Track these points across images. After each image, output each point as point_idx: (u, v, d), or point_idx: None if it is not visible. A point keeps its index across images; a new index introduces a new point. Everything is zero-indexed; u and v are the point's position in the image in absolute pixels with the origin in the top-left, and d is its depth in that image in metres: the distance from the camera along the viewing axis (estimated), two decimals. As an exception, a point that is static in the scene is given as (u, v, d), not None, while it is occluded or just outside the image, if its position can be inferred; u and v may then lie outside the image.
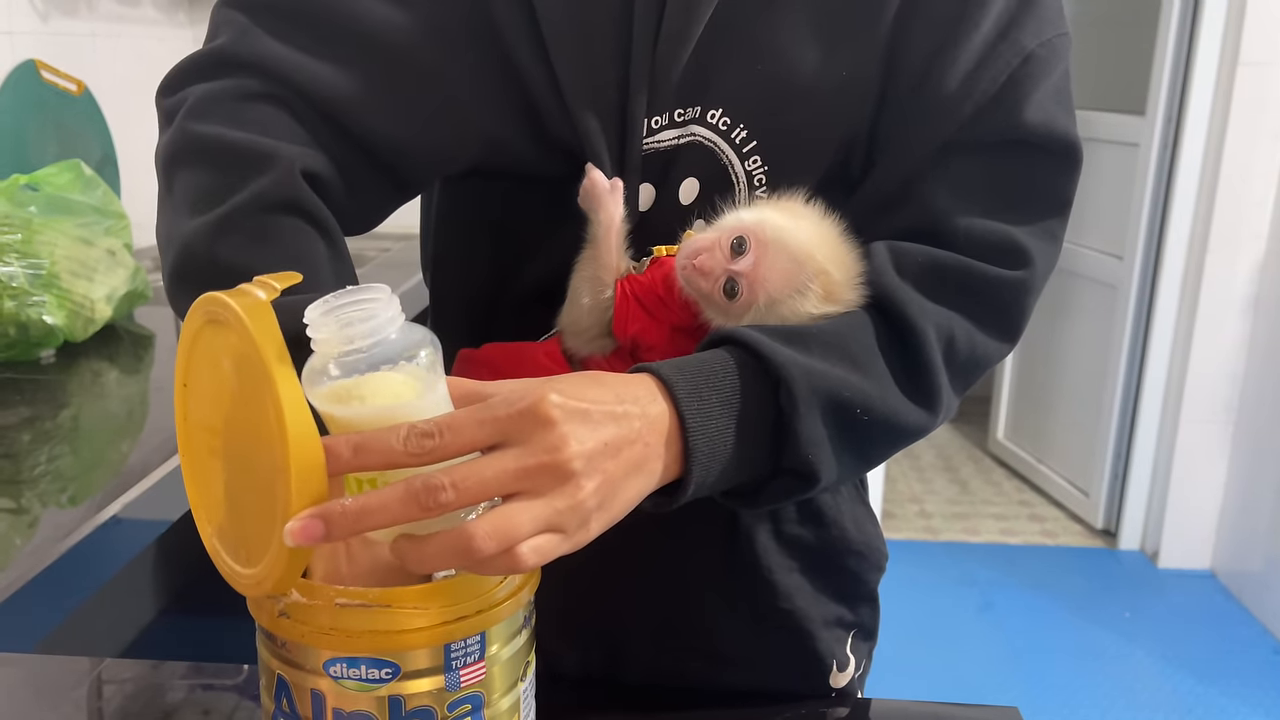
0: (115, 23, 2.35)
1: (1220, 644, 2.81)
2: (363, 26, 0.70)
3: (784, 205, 0.69)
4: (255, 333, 0.47)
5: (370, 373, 0.50)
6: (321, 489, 0.48)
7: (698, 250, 0.67)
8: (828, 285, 0.66)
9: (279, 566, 0.49)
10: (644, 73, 0.72)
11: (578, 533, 0.53)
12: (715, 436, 0.60)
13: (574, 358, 0.72)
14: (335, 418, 0.51)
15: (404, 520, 0.49)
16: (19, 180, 1.59)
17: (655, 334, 0.70)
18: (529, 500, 0.51)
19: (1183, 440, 3.12)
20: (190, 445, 0.55)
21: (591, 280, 0.71)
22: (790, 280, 0.66)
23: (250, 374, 0.48)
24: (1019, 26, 0.70)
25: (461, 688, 0.52)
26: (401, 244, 2.57)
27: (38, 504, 1.05)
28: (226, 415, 0.52)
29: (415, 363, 0.51)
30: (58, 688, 0.79)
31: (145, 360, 1.60)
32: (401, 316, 0.51)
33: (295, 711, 0.53)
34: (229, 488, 0.53)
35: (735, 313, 0.67)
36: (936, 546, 3.34)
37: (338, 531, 0.47)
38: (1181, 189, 3.06)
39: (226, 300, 0.48)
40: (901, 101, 0.71)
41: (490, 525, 0.49)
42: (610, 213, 0.69)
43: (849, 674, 0.87)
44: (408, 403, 0.51)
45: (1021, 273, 0.71)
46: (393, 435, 0.49)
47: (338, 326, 0.50)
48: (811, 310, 0.66)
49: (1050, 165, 0.72)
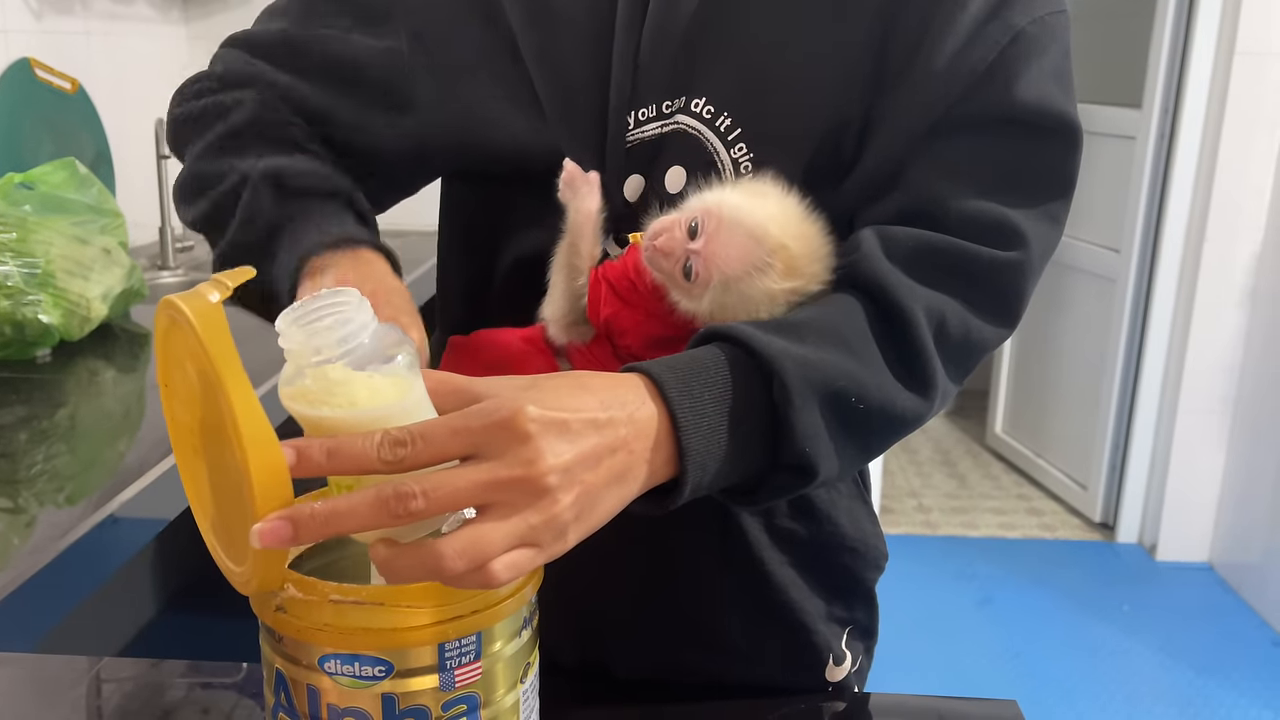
0: (109, 21, 2.34)
1: (1218, 636, 2.82)
2: (339, 59, 0.79)
3: (747, 185, 0.69)
4: (205, 338, 0.46)
5: (345, 377, 0.50)
6: (285, 491, 0.47)
7: (659, 231, 0.67)
8: (788, 260, 0.66)
9: (260, 567, 0.49)
10: (628, 64, 0.72)
11: (553, 545, 0.52)
12: (709, 434, 0.59)
13: (555, 346, 0.73)
14: (310, 420, 0.51)
15: (373, 527, 0.49)
16: (13, 179, 1.58)
17: (628, 318, 0.70)
18: (502, 514, 0.50)
19: (1180, 433, 3.12)
20: (178, 443, 0.55)
21: (567, 268, 0.72)
22: (747, 257, 0.66)
23: (206, 378, 0.48)
24: (1009, 5, 0.70)
25: (457, 688, 0.52)
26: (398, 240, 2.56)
27: (35, 503, 1.05)
28: (199, 417, 0.52)
29: (392, 365, 0.51)
30: (57, 687, 0.79)
31: (141, 359, 1.59)
32: (374, 321, 0.50)
33: (294, 707, 0.53)
34: (213, 486, 0.53)
35: (695, 293, 0.67)
36: (935, 541, 3.35)
37: (306, 534, 0.47)
38: (1178, 181, 3.06)
39: (179, 304, 0.48)
40: (890, 85, 0.71)
41: (460, 544, 0.48)
42: (586, 203, 0.70)
43: (845, 668, 0.87)
44: (384, 406, 0.50)
45: (1016, 254, 0.69)
46: (367, 442, 0.48)
47: (306, 336, 0.49)
48: (773, 286, 0.66)
49: (1046, 144, 0.71)
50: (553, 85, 0.74)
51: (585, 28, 0.74)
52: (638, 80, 0.73)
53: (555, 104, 0.74)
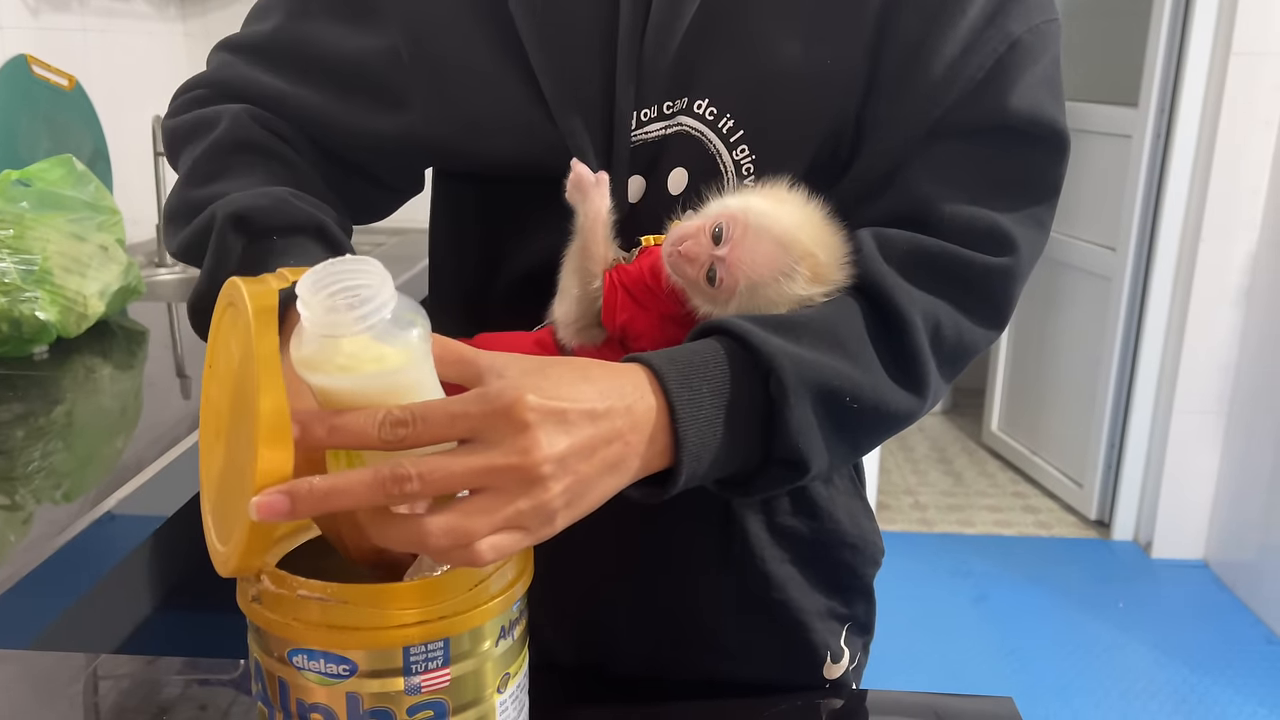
0: (106, 18, 2.34)
1: (1213, 634, 2.82)
2: (331, 58, 0.79)
3: (769, 191, 0.69)
4: (254, 319, 0.48)
5: (359, 345, 0.51)
6: (286, 468, 0.48)
7: (683, 237, 0.67)
8: (815, 267, 0.66)
9: (241, 544, 0.49)
10: (631, 66, 0.72)
11: (540, 529, 0.53)
12: (705, 427, 0.60)
13: (565, 349, 0.73)
14: (321, 388, 0.52)
15: (369, 505, 0.50)
16: (10, 176, 1.58)
17: (644, 322, 0.70)
18: (493, 498, 0.51)
19: (1176, 431, 3.13)
20: (205, 426, 0.56)
21: (579, 272, 0.71)
22: (775, 264, 0.66)
23: (245, 357, 0.49)
24: (1006, 13, 0.70)
25: (422, 693, 0.52)
26: (396, 239, 2.56)
27: (32, 500, 1.05)
28: (230, 397, 0.53)
29: (405, 338, 0.51)
30: (53, 684, 0.79)
31: (139, 356, 1.59)
32: (393, 295, 0.51)
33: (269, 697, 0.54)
34: (223, 468, 0.53)
35: (720, 299, 0.67)
36: (931, 538, 3.35)
37: (302, 509, 0.48)
38: (1174, 180, 3.06)
39: (239, 285, 0.50)
40: (888, 87, 0.71)
41: (446, 523, 0.50)
42: (596, 205, 0.70)
43: (843, 665, 0.88)
44: (394, 378, 0.51)
45: (1007, 259, 0.70)
46: (368, 419, 0.50)
47: (325, 306, 0.50)
48: (799, 293, 0.66)
49: (1037, 152, 0.72)
50: (556, 85, 0.74)
51: (588, 28, 0.74)
52: (640, 81, 0.73)
53: (558, 104, 0.74)
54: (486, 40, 0.75)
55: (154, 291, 2.20)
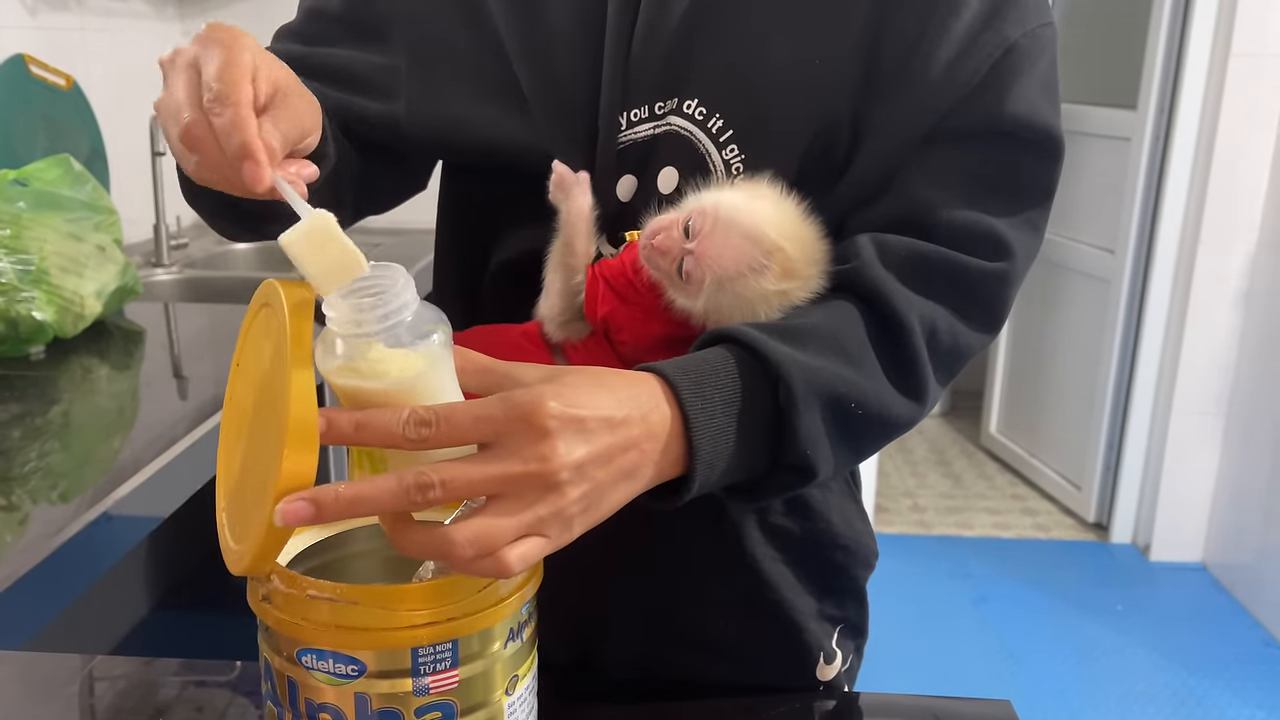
0: (104, 17, 2.34)
1: (1211, 636, 2.82)
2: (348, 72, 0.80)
3: (745, 187, 0.70)
4: (290, 320, 0.49)
5: (382, 350, 0.52)
6: (310, 472, 0.49)
7: (656, 230, 0.68)
8: (784, 262, 0.67)
9: (256, 545, 0.49)
10: (620, 66, 0.73)
11: (560, 535, 0.54)
12: (718, 435, 0.61)
13: (551, 342, 0.74)
14: (345, 389, 0.53)
15: (393, 511, 0.51)
16: (7, 175, 1.58)
17: (624, 315, 0.71)
18: (512, 504, 0.52)
19: (1174, 433, 3.13)
20: (227, 423, 0.56)
21: (563, 267, 0.72)
22: (743, 258, 0.66)
23: (278, 359, 0.50)
24: (1002, 16, 0.70)
25: (430, 694, 0.52)
26: (395, 239, 2.56)
27: (28, 501, 1.04)
28: (256, 395, 0.53)
29: (427, 343, 0.53)
30: (49, 684, 0.79)
31: (136, 356, 1.59)
32: (416, 300, 0.52)
33: (278, 696, 0.54)
34: (243, 465, 0.54)
35: (690, 292, 0.68)
36: (929, 540, 3.35)
37: (327, 515, 0.49)
38: (1173, 183, 3.06)
39: (277, 286, 0.51)
40: (883, 91, 0.71)
41: (471, 533, 0.50)
42: (578, 203, 0.71)
43: (836, 667, 0.88)
44: (416, 382, 0.52)
45: (1002, 264, 0.71)
46: (394, 418, 0.50)
47: (351, 309, 0.51)
48: (769, 287, 0.67)
49: (1032, 156, 0.72)
50: (542, 86, 0.74)
51: (574, 29, 0.75)
52: (629, 81, 0.73)
53: (544, 105, 0.75)
54: (473, 43, 0.77)
55: (151, 292, 2.20)
